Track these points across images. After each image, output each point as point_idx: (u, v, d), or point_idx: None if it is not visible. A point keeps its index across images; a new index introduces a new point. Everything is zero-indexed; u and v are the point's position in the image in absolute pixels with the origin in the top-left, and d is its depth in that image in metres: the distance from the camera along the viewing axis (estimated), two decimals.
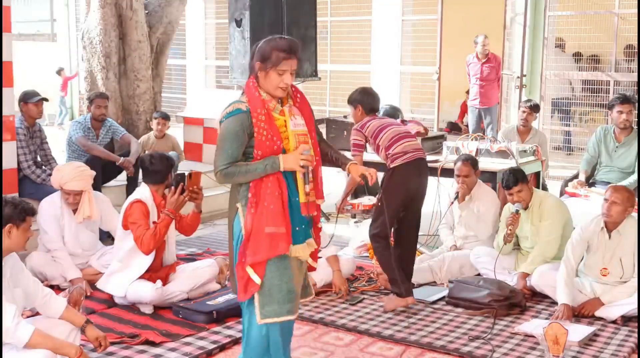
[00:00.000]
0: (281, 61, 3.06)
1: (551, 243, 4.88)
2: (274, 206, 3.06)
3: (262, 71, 3.09)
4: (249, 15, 6.36)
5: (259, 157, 3.07)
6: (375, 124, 4.72)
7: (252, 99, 3.09)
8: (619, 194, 4.42)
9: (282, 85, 3.09)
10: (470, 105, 9.84)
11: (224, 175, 3.08)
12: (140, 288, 4.50)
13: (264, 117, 3.06)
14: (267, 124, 3.06)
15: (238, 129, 3.06)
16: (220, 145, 3.10)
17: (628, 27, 9.28)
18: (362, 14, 12.40)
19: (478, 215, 5.39)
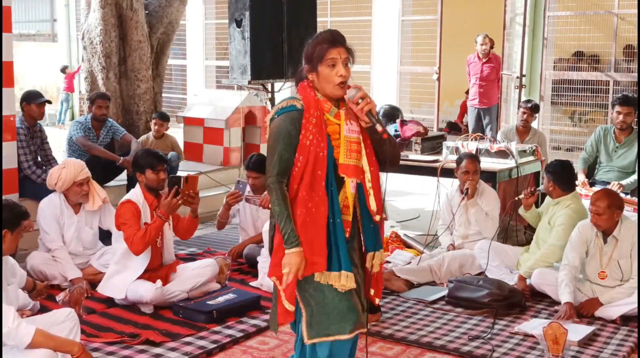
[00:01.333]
0: (326, 51, 2.79)
1: (558, 248, 4.83)
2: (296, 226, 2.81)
3: (313, 72, 2.83)
4: (249, 16, 6.37)
5: (299, 164, 2.79)
6: None
7: (306, 98, 2.83)
8: (599, 203, 4.42)
9: (337, 79, 2.78)
10: (469, 105, 9.85)
11: (271, 189, 2.81)
12: (140, 288, 4.50)
13: (314, 119, 2.79)
14: (316, 128, 2.78)
15: (291, 128, 2.79)
16: (272, 147, 2.81)
17: (628, 27, 9.28)
18: (362, 14, 12.40)
19: (486, 211, 5.38)
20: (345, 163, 2.83)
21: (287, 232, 2.77)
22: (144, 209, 4.61)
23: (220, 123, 8.25)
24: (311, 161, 2.76)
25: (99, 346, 3.99)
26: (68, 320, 3.46)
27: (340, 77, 2.78)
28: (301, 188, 2.78)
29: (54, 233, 5.01)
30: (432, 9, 10.98)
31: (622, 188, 5.65)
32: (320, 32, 2.89)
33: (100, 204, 5.12)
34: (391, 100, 10.54)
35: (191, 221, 4.81)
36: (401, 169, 6.26)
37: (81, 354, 3.19)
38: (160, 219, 4.51)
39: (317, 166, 2.78)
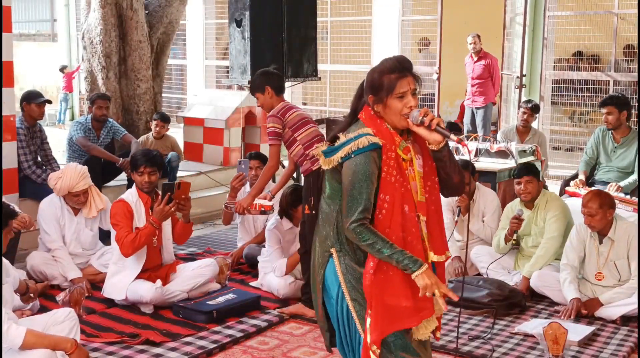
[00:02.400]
0: (396, 82, 2.55)
1: (555, 239, 4.88)
2: (394, 272, 2.53)
3: (379, 104, 2.58)
4: (249, 16, 6.36)
5: (386, 204, 2.52)
6: (297, 116, 4.42)
7: (381, 132, 2.56)
8: (591, 204, 4.44)
9: (406, 111, 2.55)
10: (465, 104, 9.88)
11: (357, 234, 2.49)
12: (140, 288, 4.50)
13: (394, 154, 2.55)
14: (396, 163, 2.54)
15: (373, 169, 2.51)
16: (352, 189, 2.51)
17: (628, 27, 9.28)
18: (362, 14, 12.40)
19: (483, 220, 5.35)
20: (421, 200, 2.62)
21: (406, 257, 2.47)
22: (138, 209, 4.61)
23: (220, 123, 8.25)
24: (398, 199, 2.52)
25: (99, 346, 3.99)
26: (68, 320, 3.46)
27: (410, 108, 2.56)
28: (394, 229, 2.52)
29: (54, 234, 5.01)
30: (432, 8, 10.98)
31: (621, 189, 5.65)
32: (386, 59, 2.63)
33: (95, 214, 5.10)
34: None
35: (184, 227, 4.76)
36: None
37: (75, 350, 3.19)
38: (152, 226, 4.49)
39: (404, 202, 2.55)
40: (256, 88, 4.55)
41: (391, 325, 2.54)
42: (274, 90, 4.48)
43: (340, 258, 2.60)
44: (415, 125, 2.54)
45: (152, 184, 4.65)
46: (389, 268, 2.51)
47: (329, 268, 2.63)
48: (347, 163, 2.54)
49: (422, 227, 2.60)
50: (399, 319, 2.54)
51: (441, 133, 2.53)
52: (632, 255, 4.46)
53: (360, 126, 2.60)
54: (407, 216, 2.55)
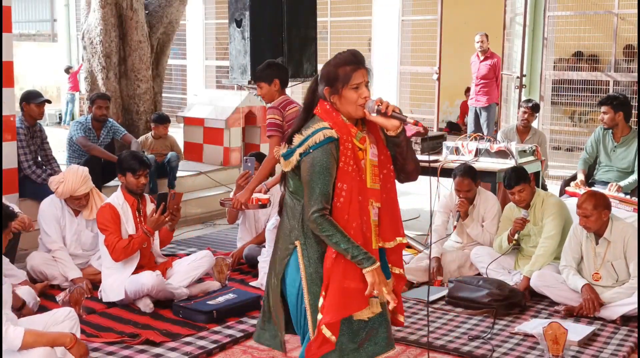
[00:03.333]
0: (351, 74, 2.67)
1: (553, 238, 4.89)
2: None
3: (335, 95, 2.69)
4: (249, 16, 6.37)
5: (343, 192, 2.63)
6: (296, 112, 4.38)
7: (336, 124, 2.68)
8: (586, 205, 4.44)
9: (361, 101, 2.67)
10: (470, 104, 9.89)
11: (317, 224, 2.61)
12: (141, 277, 4.49)
13: (350, 145, 2.67)
14: (352, 153, 2.67)
15: (331, 161, 2.63)
16: (311, 181, 2.63)
17: (627, 27, 9.28)
18: (362, 14, 12.40)
19: (483, 225, 5.34)
20: (372, 187, 2.72)
21: (360, 252, 2.61)
22: (125, 211, 4.63)
23: (220, 123, 8.25)
24: (355, 188, 2.64)
25: (99, 346, 3.99)
26: (68, 319, 3.47)
27: (364, 99, 2.68)
28: (353, 216, 2.64)
29: (54, 234, 5.01)
30: (432, 9, 10.99)
31: (621, 189, 5.65)
32: (340, 53, 2.75)
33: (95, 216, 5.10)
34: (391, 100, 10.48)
35: (167, 234, 4.84)
36: None
37: (74, 344, 3.21)
38: (145, 235, 4.53)
39: (360, 192, 2.67)
40: (264, 78, 4.50)
41: (345, 309, 2.65)
42: (281, 83, 4.48)
43: (304, 251, 2.70)
44: (371, 114, 2.67)
45: (145, 186, 4.73)
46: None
47: (292, 260, 2.73)
48: (305, 158, 2.64)
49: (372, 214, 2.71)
50: (352, 303, 2.65)
51: (397, 118, 2.65)
52: (630, 256, 4.46)
53: (316, 121, 2.69)
54: (362, 204, 2.67)
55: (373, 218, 2.73)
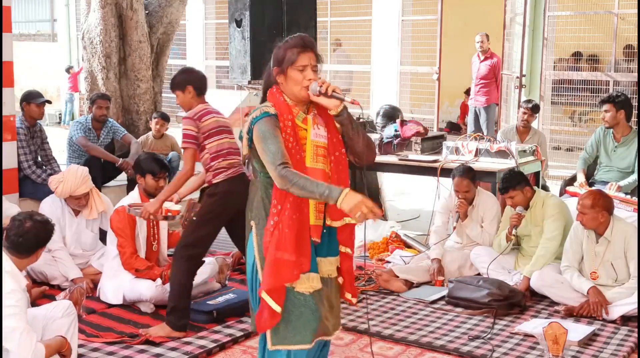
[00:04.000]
0: (297, 55, 2.79)
1: (554, 239, 4.88)
2: (289, 230, 2.75)
3: (282, 75, 2.82)
4: (249, 15, 6.36)
5: None
6: (213, 122, 4.22)
7: (277, 104, 2.80)
8: (584, 202, 4.46)
9: (305, 83, 2.78)
10: (469, 104, 9.89)
11: (283, 176, 2.66)
12: (141, 286, 4.50)
13: (290, 123, 2.78)
14: (292, 131, 2.78)
15: (273, 128, 2.74)
16: (263, 146, 2.72)
17: (627, 27, 9.28)
18: (362, 14, 12.40)
19: (482, 225, 5.34)
20: (312, 166, 2.79)
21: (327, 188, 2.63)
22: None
23: None
24: (293, 165, 2.72)
25: (99, 346, 3.99)
26: (66, 316, 3.48)
27: (309, 81, 2.79)
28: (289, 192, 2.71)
29: (54, 234, 4.98)
30: (432, 9, 10.99)
31: (620, 188, 5.65)
32: (291, 36, 2.89)
33: (96, 216, 5.12)
34: (391, 100, 10.54)
35: (177, 237, 4.89)
36: (401, 169, 6.27)
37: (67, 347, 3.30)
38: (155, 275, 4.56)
39: (298, 169, 2.72)
40: (176, 85, 4.34)
41: (277, 278, 2.75)
42: (196, 90, 4.28)
43: (258, 232, 2.82)
44: (315, 96, 2.77)
45: (163, 188, 4.68)
46: (285, 226, 2.73)
47: (250, 240, 2.87)
48: (253, 133, 2.78)
49: None
50: (284, 273, 2.74)
51: (336, 98, 2.76)
52: (630, 255, 4.46)
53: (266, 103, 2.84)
54: None
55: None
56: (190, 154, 4.17)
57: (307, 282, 2.83)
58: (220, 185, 4.18)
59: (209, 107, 4.29)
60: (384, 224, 6.51)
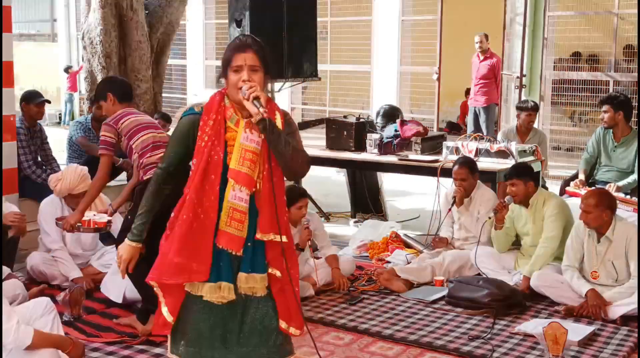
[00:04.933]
0: (233, 55, 2.68)
1: (553, 239, 4.89)
2: (178, 229, 2.67)
3: (224, 77, 2.73)
4: (249, 16, 6.36)
5: (192, 166, 2.70)
6: (132, 122, 4.16)
7: (210, 102, 2.74)
8: (588, 201, 4.46)
9: (239, 84, 2.64)
10: (469, 104, 9.89)
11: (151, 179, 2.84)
12: None
13: (212, 122, 2.68)
14: (213, 131, 2.67)
15: (185, 131, 2.74)
16: (168, 145, 2.87)
17: (628, 27, 9.28)
18: (362, 14, 12.40)
19: (478, 217, 5.38)
20: (235, 168, 2.66)
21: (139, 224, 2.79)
22: None
23: None
24: (204, 163, 2.65)
25: (99, 346, 3.99)
26: (47, 313, 3.45)
27: (243, 82, 2.64)
28: (194, 191, 2.66)
29: (54, 234, 5.01)
30: (432, 9, 10.99)
31: (619, 188, 5.65)
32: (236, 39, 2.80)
33: None
34: (391, 100, 10.54)
35: None
36: (401, 169, 6.27)
37: (72, 349, 3.23)
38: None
39: (209, 169, 2.66)
40: (98, 96, 4.31)
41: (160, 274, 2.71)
42: (116, 97, 4.24)
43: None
44: (244, 99, 2.63)
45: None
46: (178, 226, 2.68)
47: None
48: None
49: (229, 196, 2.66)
50: (166, 271, 2.69)
51: (254, 106, 2.59)
52: (631, 255, 4.46)
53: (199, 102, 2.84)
54: (210, 181, 2.66)
55: (230, 200, 2.67)
56: (105, 160, 4.13)
57: (217, 292, 2.69)
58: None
59: (129, 110, 4.25)
60: (384, 224, 6.51)
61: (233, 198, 2.67)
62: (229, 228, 2.68)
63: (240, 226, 2.69)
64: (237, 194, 2.67)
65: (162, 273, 2.71)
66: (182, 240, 2.66)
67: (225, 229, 2.68)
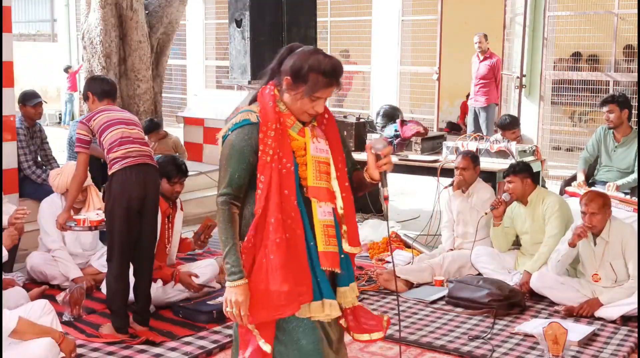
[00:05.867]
0: (320, 87, 2.44)
1: (556, 237, 4.89)
2: (275, 256, 2.40)
3: (292, 91, 2.46)
4: (249, 16, 6.36)
5: (261, 184, 2.42)
6: (103, 118, 4.13)
7: (264, 109, 2.46)
8: (594, 204, 4.45)
9: (311, 112, 2.48)
10: (469, 104, 9.90)
11: (217, 208, 2.47)
12: None
13: (273, 133, 2.42)
14: (277, 142, 2.42)
15: (244, 145, 2.43)
16: (223, 164, 2.47)
17: (628, 27, 9.28)
18: (362, 14, 12.39)
19: (477, 210, 5.38)
20: (314, 185, 2.48)
21: (234, 265, 2.41)
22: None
23: (220, 123, 8.23)
24: (275, 179, 2.41)
25: (99, 346, 3.99)
26: (45, 314, 3.48)
27: (315, 112, 2.49)
28: (272, 210, 2.41)
29: (54, 234, 5.01)
30: (432, 8, 10.99)
31: (619, 188, 5.65)
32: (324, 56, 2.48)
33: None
34: (391, 100, 10.54)
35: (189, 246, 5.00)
36: (401, 169, 6.27)
37: (63, 340, 3.27)
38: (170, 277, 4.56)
39: (283, 184, 2.43)
40: (83, 97, 4.36)
41: (272, 311, 2.43)
42: (96, 96, 4.27)
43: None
44: (370, 150, 2.51)
45: (179, 193, 4.72)
46: (270, 252, 2.41)
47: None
48: (224, 142, 2.49)
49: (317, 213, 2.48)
50: (276, 306, 2.41)
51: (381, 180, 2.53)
52: (628, 255, 4.46)
53: (250, 105, 2.53)
54: (285, 197, 2.43)
55: (320, 218, 2.48)
56: (82, 158, 4.15)
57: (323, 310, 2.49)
58: (114, 177, 4.01)
59: (105, 107, 4.25)
60: (384, 224, 6.51)
61: (323, 216, 2.50)
62: (329, 248, 2.49)
63: (334, 241, 2.52)
64: (325, 210, 2.51)
65: (273, 309, 2.42)
66: (284, 265, 2.41)
67: (326, 249, 2.48)
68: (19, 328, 3.12)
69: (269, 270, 2.41)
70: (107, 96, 4.29)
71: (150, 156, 4.15)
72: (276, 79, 2.52)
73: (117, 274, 4.07)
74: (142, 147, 4.13)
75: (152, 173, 4.12)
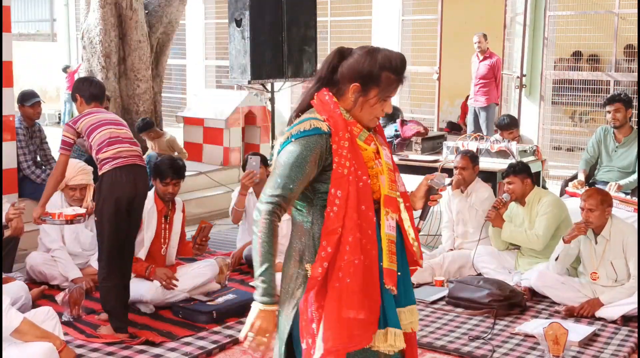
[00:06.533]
0: (394, 87, 2.27)
1: (541, 238, 4.93)
2: (351, 280, 2.14)
3: (362, 96, 2.25)
4: (249, 15, 6.36)
5: (337, 200, 2.16)
6: (91, 119, 4.12)
7: (333, 118, 2.22)
8: (592, 200, 4.46)
9: (381, 115, 2.30)
10: (469, 104, 9.89)
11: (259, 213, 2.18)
12: (141, 288, 4.49)
13: (347, 143, 2.19)
14: (351, 153, 2.19)
15: (312, 155, 2.17)
16: (279, 172, 2.18)
17: (628, 27, 9.27)
18: (362, 14, 12.39)
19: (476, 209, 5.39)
20: (389, 194, 2.26)
21: (269, 281, 2.15)
22: (150, 215, 4.62)
23: (220, 123, 8.24)
24: (353, 195, 2.17)
25: (99, 346, 3.98)
26: (49, 319, 3.47)
27: (383, 115, 2.32)
28: (349, 228, 2.16)
29: (54, 233, 5.00)
30: (432, 8, 10.98)
31: (620, 188, 5.65)
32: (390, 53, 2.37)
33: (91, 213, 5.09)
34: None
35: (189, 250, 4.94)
36: (401, 169, 6.24)
37: (63, 349, 3.26)
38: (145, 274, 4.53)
39: (361, 199, 2.19)
40: (72, 98, 4.41)
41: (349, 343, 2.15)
42: (83, 98, 4.27)
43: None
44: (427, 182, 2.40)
45: (174, 195, 4.68)
46: (346, 275, 2.15)
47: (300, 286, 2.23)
48: (285, 147, 2.21)
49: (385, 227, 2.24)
50: (350, 336, 2.15)
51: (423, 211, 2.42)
52: (629, 255, 4.46)
53: (311, 113, 2.26)
54: (362, 213, 2.19)
55: (387, 232, 2.25)
56: (62, 159, 4.14)
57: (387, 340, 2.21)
58: (104, 177, 3.99)
59: (92, 110, 4.23)
60: None
61: (389, 229, 2.26)
62: (392, 265, 2.25)
63: (394, 258, 2.27)
64: (390, 224, 2.27)
65: (348, 338, 2.15)
66: (362, 290, 2.16)
67: (390, 267, 2.24)
68: (21, 328, 3.12)
69: (344, 294, 2.15)
70: (95, 100, 4.29)
71: (140, 157, 4.15)
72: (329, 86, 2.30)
73: (106, 274, 4.07)
74: (132, 147, 4.13)
75: (141, 173, 4.12)
